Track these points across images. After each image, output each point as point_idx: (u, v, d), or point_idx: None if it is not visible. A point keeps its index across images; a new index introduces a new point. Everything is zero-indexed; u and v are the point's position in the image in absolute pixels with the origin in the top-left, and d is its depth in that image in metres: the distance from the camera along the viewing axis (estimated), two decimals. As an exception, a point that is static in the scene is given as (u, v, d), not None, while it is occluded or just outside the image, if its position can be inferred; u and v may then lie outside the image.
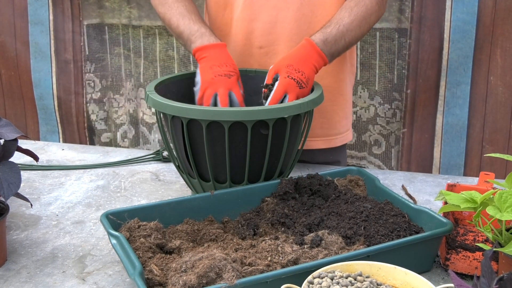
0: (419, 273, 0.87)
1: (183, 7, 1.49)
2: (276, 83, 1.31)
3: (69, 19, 2.51)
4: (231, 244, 1.10)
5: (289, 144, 1.27)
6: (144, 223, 1.10)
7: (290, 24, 1.50)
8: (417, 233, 1.08)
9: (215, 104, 1.32)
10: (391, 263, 0.90)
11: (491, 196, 0.95)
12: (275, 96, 1.29)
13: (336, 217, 1.15)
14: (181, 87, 1.43)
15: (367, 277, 0.88)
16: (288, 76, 1.30)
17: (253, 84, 1.46)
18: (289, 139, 1.26)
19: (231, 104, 1.33)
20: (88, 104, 2.60)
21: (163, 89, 1.36)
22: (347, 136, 1.68)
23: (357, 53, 2.23)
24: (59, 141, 2.66)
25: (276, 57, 1.51)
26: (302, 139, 1.35)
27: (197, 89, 1.37)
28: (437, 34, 2.13)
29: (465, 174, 2.23)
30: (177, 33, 1.48)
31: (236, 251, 1.07)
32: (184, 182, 1.45)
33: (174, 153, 1.33)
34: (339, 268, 0.88)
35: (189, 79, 1.46)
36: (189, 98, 1.42)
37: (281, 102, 1.29)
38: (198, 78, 1.37)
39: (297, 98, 1.29)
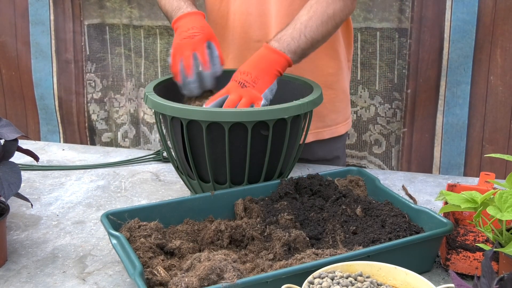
0: (420, 273, 0.87)
1: None
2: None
3: (70, 19, 2.51)
4: (232, 244, 1.10)
5: (289, 144, 1.27)
6: (144, 223, 1.10)
7: (283, 18, 1.50)
8: (418, 233, 1.08)
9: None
10: (392, 263, 0.90)
11: (492, 196, 0.95)
12: (212, 98, 1.29)
13: (336, 217, 1.16)
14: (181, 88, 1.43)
15: (368, 277, 0.88)
16: (232, 80, 1.31)
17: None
18: (288, 139, 1.26)
19: (196, 65, 1.32)
20: (88, 104, 2.61)
21: (162, 89, 1.36)
22: (338, 130, 1.67)
23: (357, 52, 2.23)
24: (60, 141, 2.66)
25: None
26: (302, 139, 1.35)
27: (169, 59, 1.37)
28: (437, 34, 2.13)
29: (465, 174, 2.23)
30: (165, 13, 1.51)
31: (237, 251, 1.08)
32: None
33: (174, 154, 1.33)
34: (339, 268, 0.88)
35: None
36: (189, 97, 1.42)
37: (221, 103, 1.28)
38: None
39: (241, 97, 1.27)
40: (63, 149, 1.78)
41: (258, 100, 1.27)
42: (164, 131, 1.31)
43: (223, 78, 1.43)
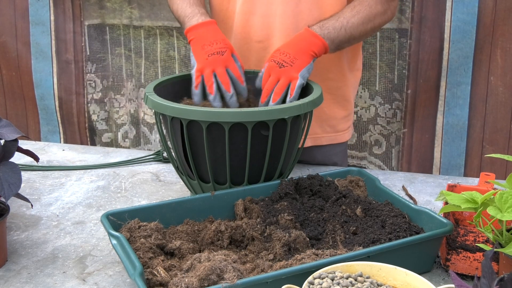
0: (420, 274, 0.87)
1: None
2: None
3: (70, 20, 2.51)
4: (232, 245, 1.10)
5: (289, 145, 1.27)
6: (144, 223, 1.10)
7: (288, 19, 1.51)
8: (418, 233, 1.08)
9: (217, 84, 1.33)
10: (392, 263, 0.90)
11: (492, 196, 0.95)
12: (263, 82, 1.35)
13: (336, 218, 1.16)
14: (180, 88, 1.43)
15: (368, 277, 0.88)
16: (271, 60, 1.36)
17: (251, 85, 1.46)
18: (289, 140, 1.26)
19: (231, 80, 1.34)
20: (89, 104, 2.61)
21: (162, 90, 1.36)
22: (337, 138, 1.67)
23: (358, 53, 2.23)
24: (60, 141, 2.66)
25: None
26: (302, 139, 1.35)
27: (193, 72, 1.37)
28: (438, 34, 2.13)
29: (465, 175, 2.23)
30: (177, 18, 1.53)
31: (237, 252, 1.08)
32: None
33: (174, 154, 1.33)
34: (339, 269, 0.88)
35: (189, 79, 1.45)
36: (189, 98, 1.42)
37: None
38: (193, 61, 1.38)
39: (279, 78, 1.32)
40: (63, 150, 1.78)
41: (295, 80, 1.32)
42: (164, 131, 1.31)
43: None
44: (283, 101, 1.32)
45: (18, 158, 1.36)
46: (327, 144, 1.66)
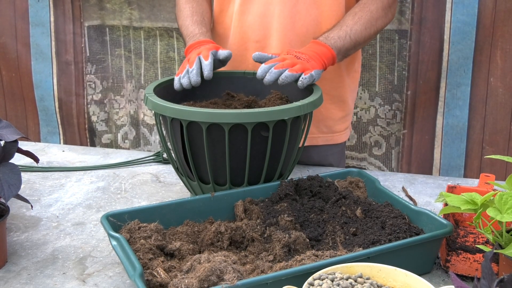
0: (420, 275, 0.87)
1: (189, 9, 1.57)
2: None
3: (70, 21, 2.51)
4: (232, 246, 1.10)
5: (289, 146, 1.27)
6: (144, 224, 1.10)
7: (286, 19, 1.52)
8: (418, 234, 1.08)
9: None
10: (392, 264, 0.90)
11: (492, 197, 0.95)
12: (272, 60, 1.35)
13: (336, 219, 1.16)
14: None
15: (368, 278, 0.88)
16: (287, 52, 1.38)
17: (251, 86, 1.47)
18: (288, 141, 1.26)
19: (201, 64, 1.36)
20: (88, 106, 2.61)
21: (162, 91, 1.36)
22: (333, 138, 1.68)
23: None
24: (60, 143, 2.66)
25: (271, 52, 1.53)
26: (302, 140, 1.35)
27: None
28: (437, 35, 2.13)
29: (465, 176, 2.23)
30: (181, 35, 1.57)
31: (237, 253, 1.08)
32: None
33: (174, 155, 1.32)
34: (339, 270, 0.88)
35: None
36: (188, 100, 1.42)
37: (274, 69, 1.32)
38: None
39: (295, 64, 1.32)
40: (63, 151, 1.78)
41: (309, 71, 1.33)
42: (164, 132, 1.31)
43: (227, 81, 1.45)
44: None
45: (18, 159, 1.37)
46: (323, 144, 1.66)
